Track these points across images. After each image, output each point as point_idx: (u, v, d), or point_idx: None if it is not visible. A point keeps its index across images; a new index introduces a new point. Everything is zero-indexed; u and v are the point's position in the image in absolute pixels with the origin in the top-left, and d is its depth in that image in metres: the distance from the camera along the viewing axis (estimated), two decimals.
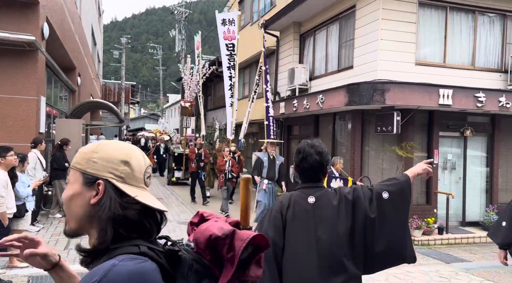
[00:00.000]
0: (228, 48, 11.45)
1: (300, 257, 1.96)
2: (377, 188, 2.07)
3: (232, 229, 1.03)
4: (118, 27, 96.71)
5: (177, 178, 14.24)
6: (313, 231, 1.98)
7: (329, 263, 1.94)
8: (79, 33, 13.36)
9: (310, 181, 2.13)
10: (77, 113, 11.41)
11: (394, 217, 2.01)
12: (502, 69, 9.00)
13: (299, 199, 2.05)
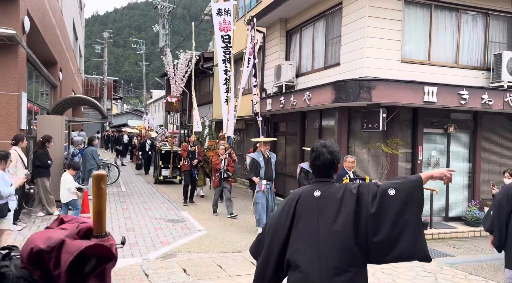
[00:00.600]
0: (224, 40, 10.85)
1: (305, 243, 2.14)
2: (384, 184, 2.13)
3: (60, 239, 0.90)
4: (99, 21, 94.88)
5: (164, 176, 13.79)
6: (316, 221, 2.15)
7: (328, 250, 2.08)
8: (61, 27, 13.04)
9: (322, 176, 2.32)
10: (59, 110, 11.15)
11: (399, 214, 2.03)
12: (485, 67, 9.18)
13: (307, 193, 2.26)
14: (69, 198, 7.14)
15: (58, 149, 9.06)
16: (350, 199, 2.12)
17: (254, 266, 5.75)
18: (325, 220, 2.13)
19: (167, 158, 13.66)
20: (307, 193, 2.26)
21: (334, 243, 2.07)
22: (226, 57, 10.96)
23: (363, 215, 2.06)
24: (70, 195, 7.17)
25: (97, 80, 33.81)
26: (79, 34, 21.78)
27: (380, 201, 2.04)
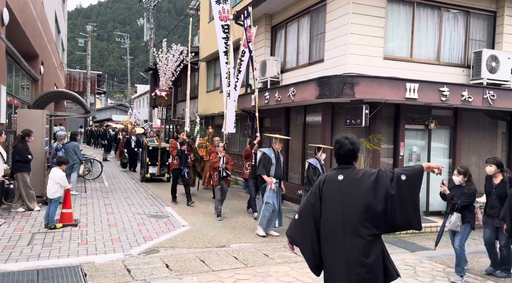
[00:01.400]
0: (224, 30, 10.06)
1: (331, 218, 2.75)
2: (398, 171, 2.71)
3: None
4: (83, 14, 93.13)
5: (151, 174, 13.16)
6: (339, 200, 2.74)
7: (351, 223, 2.67)
8: (42, 19, 12.78)
9: (344, 163, 2.88)
10: (40, 104, 10.95)
11: (409, 194, 2.65)
12: (465, 64, 9.36)
13: (332, 176, 2.83)
14: (56, 195, 7.04)
15: (39, 144, 8.91)
16: (369, 181, 2.68)
17: (237, 261, 5.80)
18: (347, 200, 2.71)
19: (154, 154, 13.15)
20: (331, 177, 2.83)
21: (354, 217, 2.66)
22: (227, 48, 10.19)
23: (382, 194, 2.63)
24: (60, 192, 7.09)
25: (80, 74, 33.28)
26: (61, 27, 21.36)
27: (396, 183, 2.64)
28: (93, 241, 6.41)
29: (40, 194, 8.90)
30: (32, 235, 6.55)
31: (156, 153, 13.09)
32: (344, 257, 2.68)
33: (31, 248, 5.92)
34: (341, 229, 2.69)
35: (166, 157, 12.99)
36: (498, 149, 10.11)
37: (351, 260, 2.66)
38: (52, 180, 7.02)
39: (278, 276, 5.27)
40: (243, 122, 13.51)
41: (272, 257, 6.09)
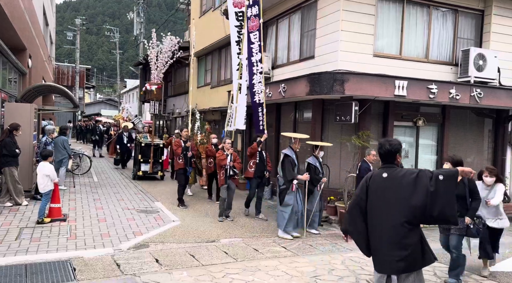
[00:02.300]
0: (238, 18, 9.17)
1: (376, 210, 3.29)
2: (436, 172, 3.15)
3: None
4: (72, 7, 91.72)
5: (143, 171, 12.49)
6: (384, 195, 3.26)
7: (393, 214, 3.18)
8: (30, 12, 12.58)
9: (387, 163, 3.39)
10: (28, 97, 10.81)
11: (445, 192, 3.06)
12: (453, 62, 9.48)
13: (378, 174, 3.37)
14: (46, 188, 7.00)
15: (27, 138, 8.82)
16: (410, 178, 3.15)
17: (227, 255, 5.83)
18: (390, 194, 3.22)
19: (147, 151, 12.54)
20: (377, 174, 3.37)
21: (396, 209, 3.17)
22: (240, 38, 9.18)
23: (422, 190, 3.08)
24: (50, 185, 7.03)
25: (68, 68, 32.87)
26: (50, 20, 21.05)
27: (435, 182, 3.07)
28: (82, 236, 6.38)
29: (28, 188, 8.82)
30: (20, 230, 6.50)
31: (149, 150, 12.54)
32: (388, 241, 3.20)
33: (19, 242, 5.88)
34: (385, 218, 3.22)
35: (160, 154, 12.69)
36: (484, 146, 10.29)
37: (394, 244, 3.17)
38: (41, 173, 6.97)
39: (268, 270, 5.32)
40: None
41: (262, 251, 6.14)
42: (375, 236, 3.29)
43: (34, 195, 8.84)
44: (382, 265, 3.29)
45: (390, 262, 3.20)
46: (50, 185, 7.06)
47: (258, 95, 8.55)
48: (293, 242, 6.79)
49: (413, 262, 3.19)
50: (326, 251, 6.41)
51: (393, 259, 3.17)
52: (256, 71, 8.45)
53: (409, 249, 3.15)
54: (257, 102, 8.57)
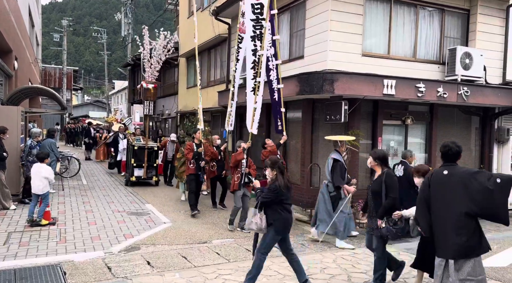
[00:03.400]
0: (255, 11, 7.96)
1: (439, 202, 3.72)
2: (495, 174, 3.54)
3: None
4: (58, 8, 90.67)
5: (137, 177, 11.68)
6: (445, 190, 3.69)
7: (453, 207, 3.60)
8: (15, 13, 12.41)
9: (449, 162, 3.80)
10: (14, 100, 10.66)
11: (500, 194, 3.43)
12: (440, 61, 9.60)
13: (439, 171, 3.81)
14: (45, 189, 6.93)
15: (14, 141, 8.69)
16: (469, 176, 3.57)
17: (219, 256, 5.82)
18: (451, 190, 3.64)
19: (141, 155, 11.76)
20: (438, 172, 3.80)
21: (456, 203, 3.58)
22: (256, 33, 8.04)
23: (480, 188, 3.47)
24: (48, 187, 6.98)
25: (55, 70, 32.50)
26: (35, 21, 20.77)
27: (493, 183, 3.43)
28: (72, 239, 6.32)
29: (16, 192, 8.69)
30: (9, 234, 6.41)
31: (143, 153, 11.77)
32: (449, 230, 3.60)
33: (7, 247, 5.80)
34: (447, 210, 3.64)
35: (154, 157, 12.02)
36: (471, 143, 10.44)
37: (454, 232, 3.56)
38: (39, 175, 6.90)
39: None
40: (224, 119, 13.47)
41: None
42: (438, 225, 3.71)
43: (21, 198, 8.72)
44: (443, 250, 3.69)
45: (449, 247, 3.61)
46: (48, 187, 7.03)
47: (276, 92, 7.88)
48: None
49: (471, 249, 3.58)
50: (318, 249, 6.43)
51: (453, 245, 3.58)
52: (272, 66, 7.81)
53: (466, 237, 3.55)
54: (276, 100, 7.91)
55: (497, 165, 10.39)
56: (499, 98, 9.39)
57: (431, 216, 3.78)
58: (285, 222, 4.53)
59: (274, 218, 4.47)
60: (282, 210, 4.50)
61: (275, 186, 4.48)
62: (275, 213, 4.48)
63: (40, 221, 6.91)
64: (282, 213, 4.49)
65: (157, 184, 12.00)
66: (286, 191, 4.51)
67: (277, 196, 4.46)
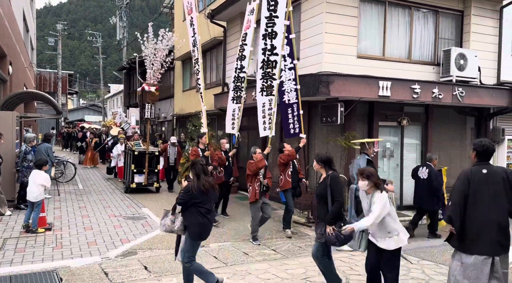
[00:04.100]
0: (270, 7, 6.96)
1: (481, 200, 3.70)
2: None
3: None
4: (52, 12, 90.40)
5: (137, 183, 11.18)
6: (485, 188, 3.71)
7: (494, 205, 3.67)
8: (9, 18, 12.36)
9: (485, 160, 3.84)
10: (9, 105, 10.60)
11: None
12: (435, 62, 9.65)
13: (478, 170, 3.78)
14: (40, 197, 6.87)
15: (9, 146, 8.64)
16: (508, 174, 3.72)
17: (217, 260, 5.80)
18: (490, 188, 3.69)
19: (141, 160, 11.26)
20: (477, 171, 3.78)
21: (496, 201, 3.66)
22: (267, 31, 7.05)
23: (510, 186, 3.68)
24: (43, 194, 6.93)
25: (50, 74, 32.32)
26: (30, 25, 20.70)
27: None
28: (68, 245, 6.27)
29: (11, 198, 8.64)
30: (4, 241, 6.36)
31: (143, 159, 11.25)
32: (494, 227, 3.65)
33: (3, 253, 5.75)
34: (490, 208, 3.68)
35: (155, 163, 11.54)
36: (467, 143, 10.48)
37: (493, 229, 3.63)
38: (36, 182, 6.85)
39: (258, 273, 5.31)
40: (220, 122, 13.48)
41: (252, 255, 6.13)
42: (479, 223, 3.68)
43: (17, 204, 8.66)
44: (488, 248, 3.67)
45: (494, 244, 3.66)
46: (43, 194, 6.97)
47: (287, 94, 7.54)
48: (283, 244, 6.79)
49: (509, 244, 3.74)
50: None
51: (498, 242, 3.65)
52: (285, 67, 7.45)
53: (505, 235, 3.69)
54: (286, 102, 7.57)
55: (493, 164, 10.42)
56: (493, 99, 9.45)
57: (470, 214, 3.73)
58: (199, 227, 4.31)
59: (188, 222, 4.33)
60: (198, 214, 4.29)
61: (188, 187, 4.34)
62: (190, 216, 4.32)
63: (37, 230, 6.82)
64: (198, 217, 4.29)
65: (158, 190, 11.55)
66: (199, 194, 4.27)
67: (189, 198, 4.29)
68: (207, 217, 4.36)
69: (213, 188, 4.44)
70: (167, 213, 4.49)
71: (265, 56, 7.30)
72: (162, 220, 4.50)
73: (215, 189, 4.53)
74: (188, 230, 4.33)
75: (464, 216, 3.73)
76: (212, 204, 4.55)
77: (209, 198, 4.39)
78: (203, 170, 4.42)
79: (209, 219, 4.41)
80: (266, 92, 7.29)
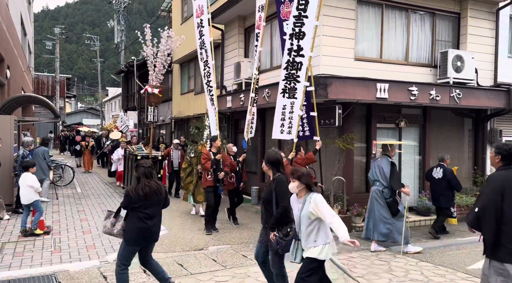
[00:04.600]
0: (299, 6, 6.63)
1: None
2: None
3: None
4: (50, 16, 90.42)
5: None
6: None
7: None
8: (7, 22, 12.37)
9: (510, 164, 3.60)
10: (7, 109, 10.59)
11: None
12: (432, 64, 9.68)
13: (508, 175, 3.53)
14: (32, 199, 6.85)
15: (7, 150, 8.63)
16: None
17: (215, 263, 5.79)
18: None
19: None
20: (507, 175, 3.54)
21: None
22: (295, 31, 6.68)
23: None
24: (33, 196, 6.89)
25: (48, 78, 32.31)
26: (28, 29, 20.70)
27: None
28: (67, 249, 6.26)
29: (9, 202, 8.62)
30: (2, 245, 6.34)
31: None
32: None
33: (1, 258, 5.74)
34: None
35: (158, 167, 11.24)
36: (465, 145, 10.51)
37: None
38: (24, 184, 6.84)
39: (257, 276, 5.30)
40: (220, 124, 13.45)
41: (251, 257, 6.12)
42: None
43: (15, 208, 8.64)
44: None
45: None
46: (35, 196, 6.93)
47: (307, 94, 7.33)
48: None
49: None
50: None
51: None
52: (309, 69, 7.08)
53: None
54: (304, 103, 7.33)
55: (490, 167, 10.47)
56: (490, 100, 9.49)
57: (506, 221, 3.48)
58: (136, 232, 4.17)
59: (127, 226, 4.22)
60: (136, 219, 4.16)
61: (126, 191, 4.25)
62: (130, 220, 4.21)
63: (35, 230, 6.85)
64: (136, 222, 4.16)
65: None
66: (137, 198, 4.14)
67: (128, 203, 4.19)
68: (147, 223, 4.18)
69: (156, 192, 4.22)
70: (110, 215, 4.37)
71: (290, 57, 6.92)
72: (104, 221, 4.39)
73: (160, 193, 4.28)
74: (125, 234, 4.23)
75: (500, 223, 3.50)
76: (156, 209, 4.31)
77: (150, 202, 4.19)
78: (145, 173, 4.23)
79: (149, 225, 4.21)
80: (289, 94, 6.98)
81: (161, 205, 4.39)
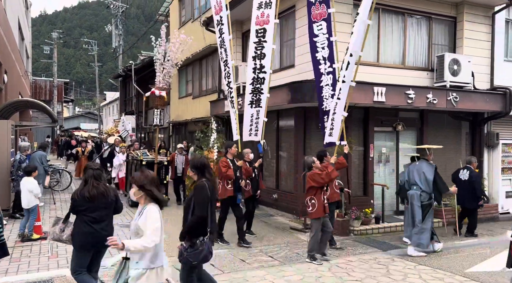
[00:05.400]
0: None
1: None
2: None
3: None
4: (48, 21, 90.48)
5: None
6: None
7: None
8: (4, 26, 12.37)
9: None
10: (4, 114, 10.57)
11: None
12: (429, 68, 9.73)
13: None
14: (32, 203, 6.85)
15: (4, 155, 8.60)
16: None
17: (213, 267, 5.77)
18: None
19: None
20: None
21: None
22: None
23: None
24: (34, 200, 6.89)
25: (46, 82, 32.33)
26: (25, 34, 20.70)
27: None
28: (64, 254, 6.23)
29: (6, 207, 8.58)
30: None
31: (151, 170, 10.05)
32: None
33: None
34: None
35: (164, 173, 10.84)
36: (462, 148, 10.53)
37: None
38: (24, 189, 6.84)
39: (255, 281, 5.29)
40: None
41: (249, 262, 6.11)
42: None
43: (12, 213, 8.61)
44: None
45: None
46: (35, 201, 6.93)
47: (326, 101, 7.18)
48: (280, 250, 6.78)
49: None
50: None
51: None
52: (324, 71, 7.11)
53: None
54: (324, 110, 7.22)
55: (487, 169, 10.50)
56: (487, 103, 9.53)
57: None
58: (82, 237, 4.04)
59: (74, 231, 4.09)
60: (82, 223, 4.04)
61: (72, 194, 4.12)
62: (76, 225, 4.08)
63: (32, 235, 6.83)
64: (81, 226, 4.04)
65: (166, 203, 10.52)
66: (82, 201, 4.02)
67: (73, 205, 4.08)
68: (93, 227, 4.05)
69: (103, 195, 4.09)
70: (58, 221, 4.22)
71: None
72: (52, 228, 4.22)
73: (107, 196, 4.14)
74: (72, 239, 4.11)
75: None
76: (105, 212, 4.17)
77: (97, 205, 4.06)
78: (94, 175, 4.11)
79: (96, 229, 4.06)
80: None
81: (110, 208, 4.23)
